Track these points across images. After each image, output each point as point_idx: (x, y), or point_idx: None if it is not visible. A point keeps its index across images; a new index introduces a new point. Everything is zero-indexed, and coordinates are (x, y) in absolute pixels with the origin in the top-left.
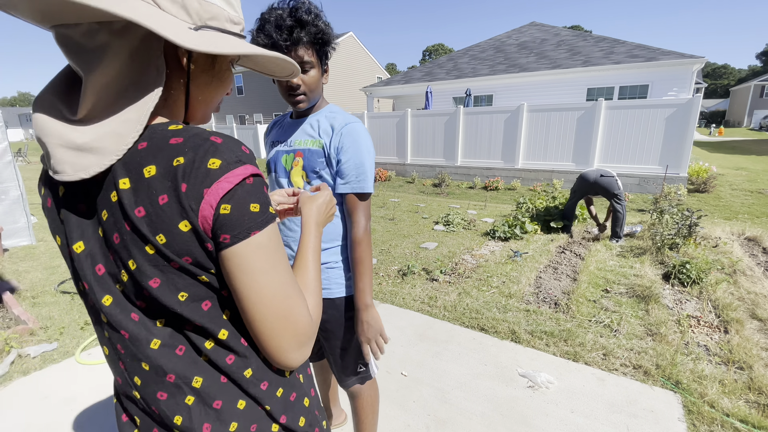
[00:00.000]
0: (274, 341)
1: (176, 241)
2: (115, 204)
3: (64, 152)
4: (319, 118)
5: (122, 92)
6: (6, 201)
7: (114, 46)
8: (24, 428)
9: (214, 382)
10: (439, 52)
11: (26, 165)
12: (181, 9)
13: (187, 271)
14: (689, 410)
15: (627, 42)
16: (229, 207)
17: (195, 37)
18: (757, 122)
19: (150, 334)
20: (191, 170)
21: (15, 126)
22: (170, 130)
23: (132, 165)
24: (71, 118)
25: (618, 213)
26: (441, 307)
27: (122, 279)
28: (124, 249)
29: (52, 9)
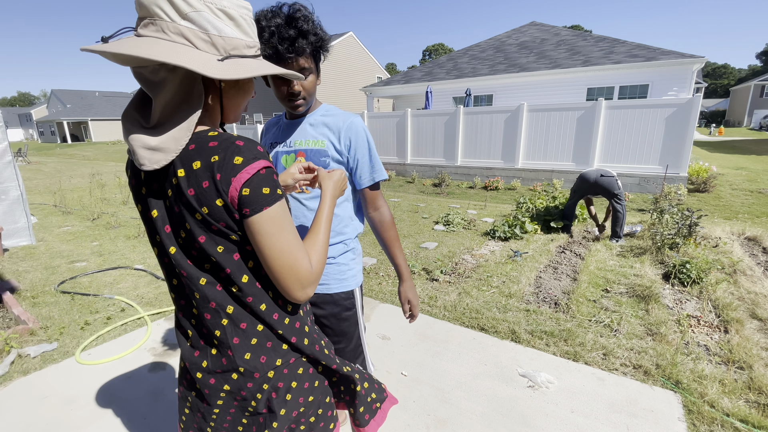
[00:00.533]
0: (284, 283)
1: (215, 212)
2: (175, 185)
3: (144, 151)
4: (318, 119)
5: (177, 109)
6: (6, 201)
7: (170, 79)
8: (24, 428)
9: (240, 311)
10: (439, 52)
11: (26, 165)
12: (211, 46)
13: (222, 233)
14: (689, 410)
15: (627, 42)
16: (247, 190)
17: (221, 66)
18: (757, 122)
19: (200, 274)
20: (223, 165)
21: (15, 126)
22: (209, 136)
23: (185, 160)
24: (146, 126)
25: (618, 213)
26: (441, 306)
27: (181, 236)
28: (181, 216)
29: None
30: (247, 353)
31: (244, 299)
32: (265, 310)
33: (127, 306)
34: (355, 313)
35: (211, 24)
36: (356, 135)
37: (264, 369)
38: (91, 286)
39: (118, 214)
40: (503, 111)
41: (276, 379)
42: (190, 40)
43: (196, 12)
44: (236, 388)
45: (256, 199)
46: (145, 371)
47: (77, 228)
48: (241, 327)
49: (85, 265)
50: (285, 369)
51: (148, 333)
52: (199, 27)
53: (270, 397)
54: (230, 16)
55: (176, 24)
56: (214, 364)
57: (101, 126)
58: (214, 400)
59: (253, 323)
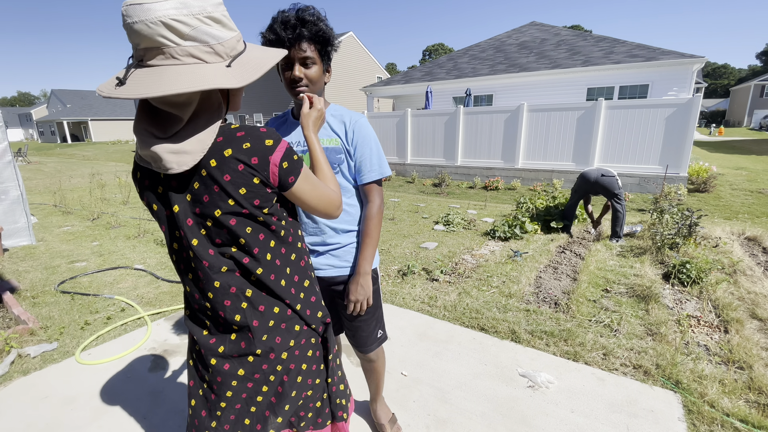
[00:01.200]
0: (326, 211)
1: (251, 191)
2: (205, 176)
3: (171, 156)
4: (328, 119)
5: (197, 118)
6: (6, 201)
7: (194, 97)
8: (24, 428)
9: (258, 294)
10: (439, 51)
11: (26, 165)
12: (216, 55)
13: (251, 215)
14: (689, 410)
15: (627, 42)
16: (286, 163)
17: (234, 73)
18: (757, 122)
19: (221, 263)
20: (257, 149)
21: (15, 126)
22: (233, 128)
23: (215, 151)
24: (162, 137)
25: (618, 213)
26: (441, 306)
27: (207, 225)
28: (212, 204)
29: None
30: (264, 335)
31: (267, 279)
32: (284, 286)
33: (127, 306)
34: (379, 286)
35: (208, 35)
36: (362, 133)
37: (279, 349)
38: (91, 286)
39: (118, 214)
40: (503, 111)
41: (289, 361)
42: (199, 57)
43: (194, 29)
44: (250, 372)
45: (294, 166)
46: (145, 371)
47: (77, 228)
48: (259, 309)
49: (85, 265)
50: (297, 350)
51: (148, 333)
52: (201, 42)
53: (282, 380)
54: (216, 19)
55: (182, 47)
56: (232, 348)
57: (101, 126)
58: (224, 390)
59: (270, 305)
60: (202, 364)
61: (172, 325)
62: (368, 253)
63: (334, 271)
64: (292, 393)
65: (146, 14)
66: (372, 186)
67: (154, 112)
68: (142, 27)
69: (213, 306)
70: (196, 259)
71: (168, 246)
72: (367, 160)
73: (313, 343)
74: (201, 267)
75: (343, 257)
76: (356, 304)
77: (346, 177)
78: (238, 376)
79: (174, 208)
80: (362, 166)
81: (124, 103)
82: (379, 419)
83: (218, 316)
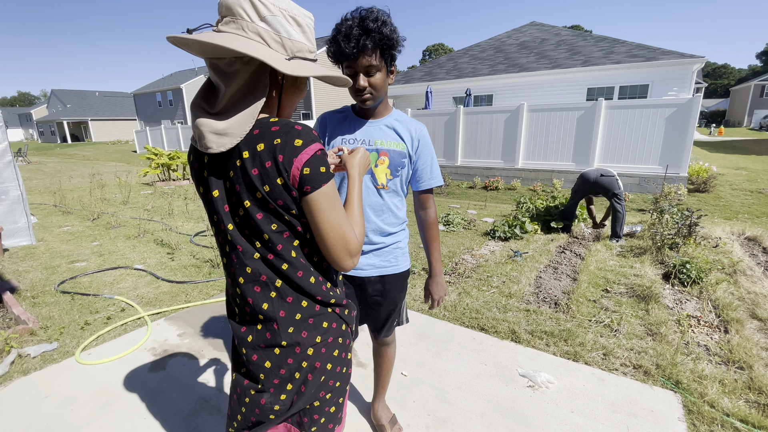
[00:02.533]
0: (336, 253)
1: (274, 191)
2: (238, 166)
3: (212, 136)
4: (392, 122)
5: (243, 97)
6: (6, 201)
7: (242, 71)
8: (24, 428)
9: (287, 287)
10: (439, 51)
11: (26, 165)
12: (281, 46)
13: (277, 212)
14: (689, 410)
15: (627, 42)
16: (308, 169)
17: (288, 64)
18: (757, 122)
19: (253, 249)
20: (285, 147)
21: (15, 126)
22: (271, 122)
23: (249, 143)
24: (211, 112)
25: (618, 213)
26: (441, 306)
27: (239, 213)
28: (243, 194)
29: (210, 50)
30: (291, 327)
31: (294, 275)
32: (314, 282)
33: (127, 306)
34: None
35: (283, 28)
36: (424, 142)
37: (305, 344)
38: (91, 286)
39: (118, 214)
40: (503, 111)
41: (314, 358)
42: (265, 40)
43: (272, 16)
44: (276, 366)
45: (315, 176)
46: (145, 371)
47: (77, 228)
48: (287, 301)
49: (85, 265)
50: (323, 348)
51: (148, 333)
52: (273, 29)
53: (306, 378)
54: (298, 23)
55: (255, 24)
56: (258, 338)
57: (101, 126)
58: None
59: (298, 299)
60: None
61: (172, 325)
62: (438, 254)
63: (374, 271)
64: (312, 390)
65: None
66: (428, 194)
67: (210, 89)
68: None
69: (243, 292)
70: (232, 244)
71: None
72: (428, 169)
73: (340, 343)
74: (236, 252)
75: (384, 257)
76: (439, 300)
77: (402, 181)
78: (265, 368)
79: (214, 192)
80: (423, 174)
81: (123, 104)
82: (379, 419)
83: (246, 303)
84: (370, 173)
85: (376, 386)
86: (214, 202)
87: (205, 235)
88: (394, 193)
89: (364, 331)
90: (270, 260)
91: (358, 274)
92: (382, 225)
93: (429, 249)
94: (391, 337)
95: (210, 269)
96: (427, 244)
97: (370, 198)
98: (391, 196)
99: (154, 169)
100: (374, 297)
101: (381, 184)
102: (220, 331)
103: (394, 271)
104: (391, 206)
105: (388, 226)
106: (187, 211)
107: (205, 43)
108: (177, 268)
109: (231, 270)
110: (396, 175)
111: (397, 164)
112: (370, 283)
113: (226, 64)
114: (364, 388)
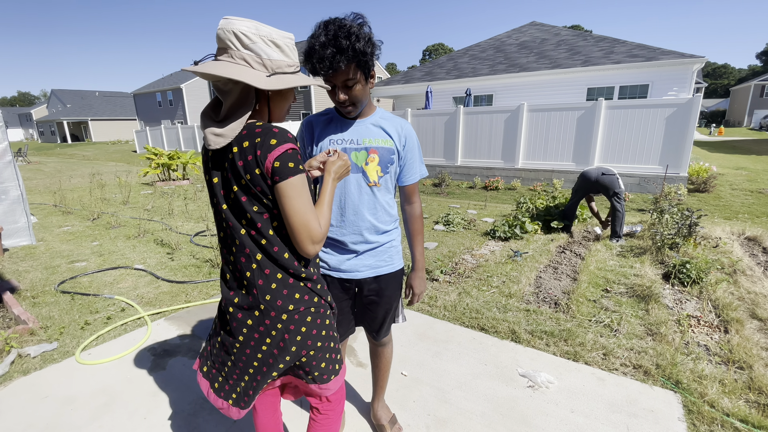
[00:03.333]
0: (299, 237)
1: (254, 179)
2: (230, 159)
3: (212, 137)
4: (378, 120)
5: (237, 109)
6: (6, 201)
7: (234, 89)
8: (24, 428)
9: (266, 260)
10: (439, 51)
11: (26, 165)
12: (262, 66)
13: (257, 197)
14: (689, 410)
15: (627, 42)
16: (278, 163)
17: (268, 80)
18: (757, 122)
19: (240, 226)
20: (262, 144)
21: (15, 126)
22: (256, 125)
23: (239, 141)
24: (215, 120)
25: (618, 212)
26: (441, 306)
27: (230, 197)
28: (232, 180)
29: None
30: (267, 295)
31: (271, 249)
32: (288, 257)
33: (127, 306)
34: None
35: (263, 51)
36: (411, 138)
37: (279, 310)
38: (91, 286)
39: (118, 214)
40: (503, 111)
41: (288, 322)
42: (249, 63)
43: (253, 43)
44: (257, 324)
45: (283, 169)
46: (145, 371)
47: (77, 228)
48: (265, 272)
49: (85, 265)
50: (296, 315)
51: (148, 333)
52: (255, 53)
53: (283, 337)
54: (277, 44)
55: (240, 52)
56: (243, 300)
57: (101, 126)
58: (238, 333)
59: (275, 271)
60: (222, 312)
61: (172, 325)
62: (422, 248)
63: (370, 272)
64: (292, 348)
65: (227, 25)
66: (414, 186)
67: (217, 102)
68: (221, 32)
69: (234, 260)
70: (225, 220)
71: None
72: (415, 164)
73: (313, 311)
74: (229, 227)
75: (379, 257)
76: (419, 295)
77: (392, 178)
78: (248, 324)
79: (214, 179)
80: (409, 168)
81: (123, 104)
82: (379, 419)
83: (236, 270)
84: (362, 171)
85: (375, 386)
86: (214, 187)
87: (204, 235)
88: (386, 190)
89: (362, 331)
90: (252, 235)
91: (355, 276)
92: (377, 223)
93: (413, 243)
94: (388, 338)
95: (210, 269)
96: (411, 238)
97: (364, 197)
98: (383, 193)
99: (154, 169)
100: (370, 297)
101: (373, 182)
102: None
103: (389, 270)
104: (384, 204)
105: (382, 224)
106: (187, 211)
107: (204, 72)
108: (177, 268)
109: (227, 242)
110: (386, 171)
111: (387, 161)
112: (365, 283)
113: (222, 84)
114: (363, 388)
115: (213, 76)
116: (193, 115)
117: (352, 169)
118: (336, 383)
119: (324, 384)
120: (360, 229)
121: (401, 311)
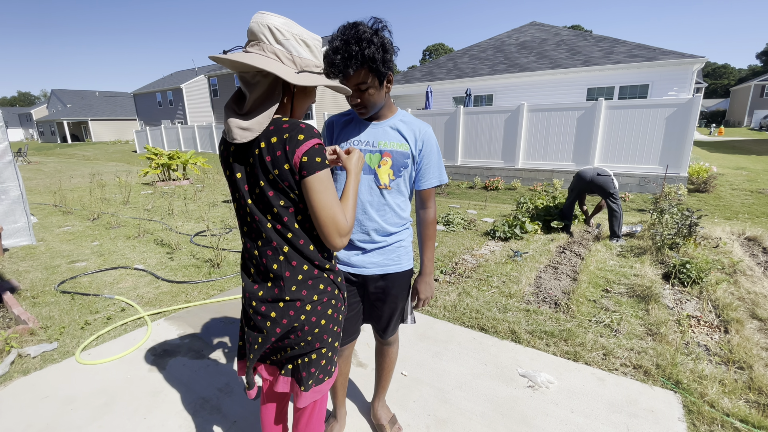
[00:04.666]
0: (326, 230)
1: (282, 174)
2: (257, 154)
3: (238, 130)
4: (397, 123)
5: (263, 102)
6: (6, 201)
7: (262, 82)
8: (24, 428)
9: (293, 252)
10: (439, 51)
11: (26, 165)
12: (292, 63)
13: (284, 191)
14: (689, 410)
15: (627, 42)
16: (306, 158)
17: (297, 76)
18: (757, 122)
19: (266, 220)
20: (291, 140)
21: (15, 126)
22: (283, 121)
23: (266, 136)
24: (239, 113)
25: (615, 212)
26: (441, 307)
27: (255, 192)
28: (259, 175)
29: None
30: (294, 286)
31: (297, 242)
32: (313, 250)
33: (127, 306)
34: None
35: (294, 48)
36: (429, 143)
37: (304, 300)
38: (91, 286)
39: (118, 214)
40: (503, 111)
41: (311, 313)
42: (280, 58)
43: (286, 40)
44: (280, 316)
45: (311, 164)
46: (145, 371)
47: (77, 228)
48: (292, 264)
49: (85, 265)
50: (319, 306)
51: (148, 333)
52: (286, 49)
53: (303, 329)
54: (307, 44)
55: (272, 46)
56: (268, 293)
57: (101, 126)
58: (261, 326)
59: (301, 263)
60: (245, 308)
61: (172, 325)
62: (433, 253)
63: (377, 269)
64: (308, 338)
65: (262, 19)
66: (431, 191)
67: (240, 96)
68: (255, 25)
69: (259, 254)
70: (251, 215)
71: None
72: (432, 169)
73: (333, 304)
74: (255, 221)
75: (387, 255)
76: (425, 301)
77: (405, 182)
78: (272, 317)
79: (237, 174)
80: (425, 172)
81: (123, 104)
82: (379, 419)
83: (261, 263)
84: (373, 173)
85: (376, 386)
86: (237, 182)
87: (204, 235)
88: (398, 193)
89: (365, 331)
90: (279, 229)
91: (361, 272)
92: (384, 225)
93: (423, 247)
94: (394, 337)
95: (210, 269)
96: (422, 242)
97: (373, 198)
98: (393, 196)
99: (154, 169)
100: (376, 294)
101: (384, 185)
102: (220, 331)
103: (396, 270)
104: (394, 206)
105: (390, 225)
106: (187, 211)
107: (235, 60)
108: (177, 268)
109: (252, 236)
110: (399, 175)
111: (400, 165)
112: (372, 280)
113: (250, 77)
114: (364, 388)
115: (244, 66)
116: (193, 115)
117: (365, 171)
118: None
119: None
120: (367, 229)
121: (410, 312)
